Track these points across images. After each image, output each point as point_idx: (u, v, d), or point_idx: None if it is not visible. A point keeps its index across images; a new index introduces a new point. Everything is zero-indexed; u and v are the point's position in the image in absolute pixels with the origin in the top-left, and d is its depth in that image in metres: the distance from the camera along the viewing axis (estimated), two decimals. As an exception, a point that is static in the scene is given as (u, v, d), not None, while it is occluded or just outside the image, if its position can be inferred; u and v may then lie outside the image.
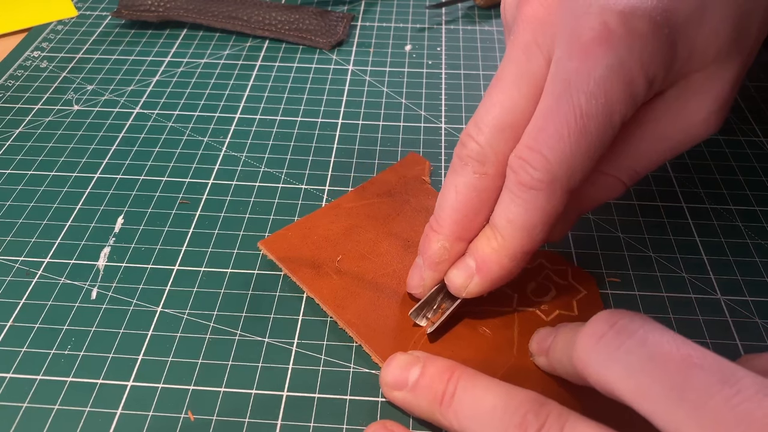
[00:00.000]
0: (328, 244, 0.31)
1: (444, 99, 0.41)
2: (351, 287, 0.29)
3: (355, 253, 0.30)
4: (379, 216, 0.31)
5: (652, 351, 0.18)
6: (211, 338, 0.28)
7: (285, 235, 0.31)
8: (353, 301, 0.28)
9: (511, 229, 0.24)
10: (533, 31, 0.24)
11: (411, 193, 0.33)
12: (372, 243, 0.31)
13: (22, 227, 0.32)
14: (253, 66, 0.44)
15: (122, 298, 0.29)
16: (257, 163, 0.36)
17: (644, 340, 0.19)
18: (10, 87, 0.42)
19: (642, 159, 0.26)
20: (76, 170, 0.36)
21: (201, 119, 0.39)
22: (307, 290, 0.29)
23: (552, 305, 0.29)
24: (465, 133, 0.25)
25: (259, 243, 0.31)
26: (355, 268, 0.30)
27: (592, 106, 0.22)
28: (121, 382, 0.26)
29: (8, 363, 0.27)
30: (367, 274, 0.29)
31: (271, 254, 0.30)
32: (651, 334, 0.19)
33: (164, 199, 0.34)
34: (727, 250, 0.32)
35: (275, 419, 0.25)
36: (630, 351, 0.19)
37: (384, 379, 0.25)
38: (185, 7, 0.48)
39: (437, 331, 0.27)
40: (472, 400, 0.22)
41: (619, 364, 0.19)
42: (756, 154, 0.37)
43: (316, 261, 0.30)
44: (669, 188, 0.35)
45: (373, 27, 0.49)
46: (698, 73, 0.24)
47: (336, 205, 0.33)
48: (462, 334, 0.27)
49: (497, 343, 0.27)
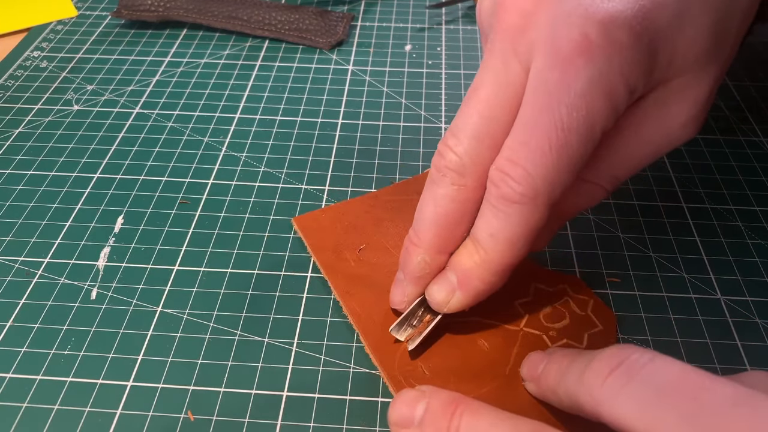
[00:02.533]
0: (356, 232, 0.31)
1: (444, 99, 0.41)
2: (364, 277, 0.29)
3: (379, 245, 0.31)
4: (412, 213, 0.31)
5: (663, 382, 0.18)
6: (211, 338, 0.28)
7: (318, 216, 0.32)
8: (362, 291, 0.29)
9: (493, 243, 0.24)
10: (511, 39, 0.23)
11: None
12: (398, 238, 0.31)
13: (22, 227, 0.32)
14: (253, 66, 0.44)
15: (122, 298, 0.29)
16: (257, 163, 0.36)
17: (654, 372, 0.19)
18: (10, 87, 0.42)
19: (622, 164, 0.26)
20: (76, 170, 0.36)
21: (201, 119, 0.39)
22: (323, 272, 0.30)
23: (561, 333, 0.28)
24: (443, 143, 0.25)
25: (293, 219, 0.32)
26: (374, 260, 0.30)
27: (573, 119, 0.22)
28: (121, 382, 0.26)
29: (8, 363, 0.27)
30: (384, 267, 0.30)
31: (300, 231, 0.32)
32: (660, 366, 0.19)
33: (164, 199, 0.34)
34: (727, 250, 0.32)
35: (275, 419, 0.25)
36: (640, 385, 0.19)
37: (391, 418, 0.24)
38: (185, 7, 0.48)
39: (419, 346, 0.26)
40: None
41: (631, 400, 0.19)
42: (756, 154, 0.37)
43: (339, 245, 0.31)
44: (669, 188, 0.35)
45: (373, 27, 0.49)
46: (678, 79, 0.24)
47: (375, 195, 0.34)
48: (458, 343, 0.27)
49: (492, 358, 0.27)
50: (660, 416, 0.18)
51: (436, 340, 0.27)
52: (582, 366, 0.21)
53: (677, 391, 0.18)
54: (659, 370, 0.19)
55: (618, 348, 0.20)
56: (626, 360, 0.19)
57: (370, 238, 0.31)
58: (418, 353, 0.26)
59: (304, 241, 0.31)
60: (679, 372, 0.18)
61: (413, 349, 0.26)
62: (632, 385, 0.19)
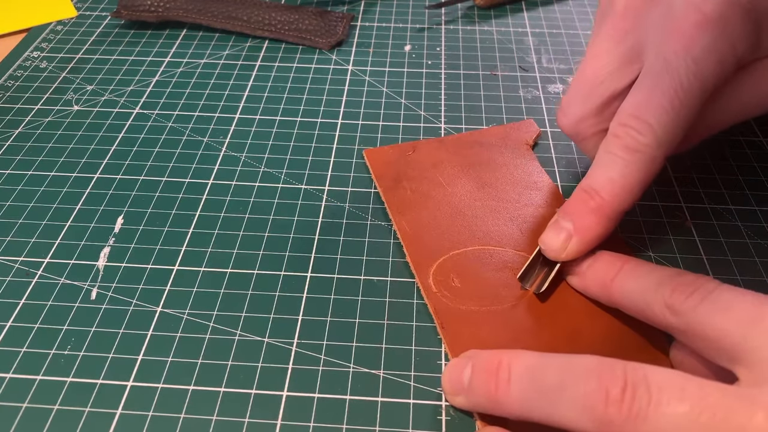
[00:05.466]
0: (417, 166, 0.35)
1: (444, 99, 0.41)
2: (417, 203, 0.33)
3: (435, 180, 0.34)
4: (470, 159, 0.36)
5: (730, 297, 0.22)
6: (211, 338, 0.28)
7: (387, 150, 0.36)
8: (412, 213, 0.32)
9: (611, 187, 0.26)
10: (633, 16, 0.28)
11: (508, 149, 0.36)
12: (453, 176, 0.35)
13: (22, 227, 0.32)
14: (252, 66, 0.44)
15: (122, 298, 0.29)
16: (257, 163, 0.36)
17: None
18: (10, 87, 0.42)
19: (718, 120, 0.29)
20: (76, 170, 0.36)
21: (201, 119, 0.39)
22: (381, 194, 0.34)
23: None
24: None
25: (364, 151, 0.36)
26: (429, 191, 0.34)
27: (691, 81, 0.25)
28: (121, 382, 0.26)
29: (8, 363, 0.27)
30: (436, 197, 0.33)
31: (369, 161, 0.36)
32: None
33: (164, 199, 0.34)
34: (727, 250, 0.32)
35: (275, 419, 0.25)
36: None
37: (444, 387, 0.25)
38: (185, 8, 0.48)
39: (546, 291, 0.28)
40: (532, 382, 0.22)
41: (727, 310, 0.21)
42: (756, 154, 0.37)
43: (400, 176, 0.34)
44: (669, 188, 0.35)
45: (373, 27, 0.49)
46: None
47: (441, 140, 0.37)
48: (488, 266, 0.30)
49: (515, 282, 0.29)
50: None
51: (559, 283, 0.29)
52: (660, 279, 0.24)
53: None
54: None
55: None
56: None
57: (428, 174, 0.35)
58: (546, 296, 0.29)
59: (370, 169, 0.35)
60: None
61: (542, 292, 0.28)
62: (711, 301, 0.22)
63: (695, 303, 0.22)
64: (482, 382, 0.23)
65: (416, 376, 0.26)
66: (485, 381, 0.23)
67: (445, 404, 0.25)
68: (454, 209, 0.33)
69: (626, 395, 0.19)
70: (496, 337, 0.27)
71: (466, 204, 0.33)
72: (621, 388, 0.20)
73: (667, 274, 0.24)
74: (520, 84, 0.43)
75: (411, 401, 0.26)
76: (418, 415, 0.25)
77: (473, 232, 0.31)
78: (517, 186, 0.34)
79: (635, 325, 0.27)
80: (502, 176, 0.35)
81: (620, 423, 0.19)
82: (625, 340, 0.27)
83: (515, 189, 0.34)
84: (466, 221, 0.32)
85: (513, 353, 0.23)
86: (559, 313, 0.28)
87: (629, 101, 0.27)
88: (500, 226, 0.32)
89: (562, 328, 0.27)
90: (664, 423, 0.19)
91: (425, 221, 0.32)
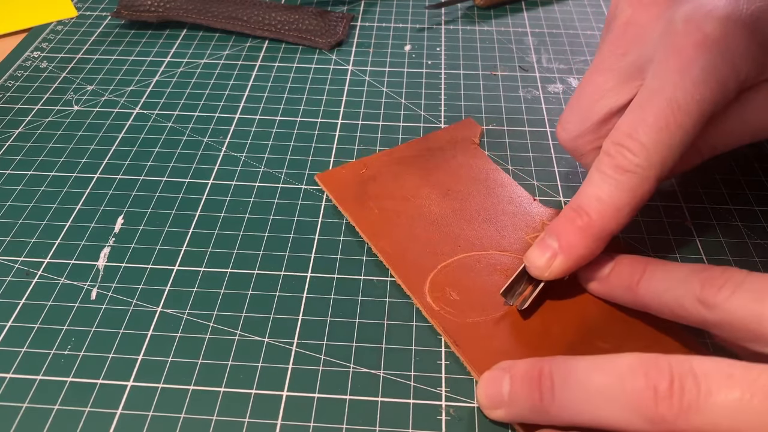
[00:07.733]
0: (376, 184, 0.34)
1: (443, 99, 0.41)
2: (389, 221, 0.32)
3: (398, 195, 0.33)
4: (426, 166, 0.35)
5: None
6: (211, 338, 0.28)
7: (339, 172, 0.35)
8: (389, 233, 0.31)
9: (599, 207, 0.26)
10: (633, 32, 0.27)
11: (459, 150, 0.36)
12: (415, 188, 0.34)
13: (22, 227, 0.32)
14: (252, 66, 0.44)
15: (122, 299, 0.29)
16: (257, 163, 0.36)
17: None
18: (10, 87, 0.42)
19: (722, 140, 0.29)
20: (76, 170, 0.36)
21: (201, 119, 0.39)
22: (350, 219, 0.32)
23: None
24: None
25: (316, 176, 0.35)
26: (396, 207, 0.33)
27: (688, 102, 0.24)
28: (121, 382, 0.26)
29: (8, 363, 0.27)
30: (405, 213, 0.33)
31: (324, 186, 0.34)
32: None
33: (164, 199, 0.34)
34: (727, 250, 0.32)
35: (275, 419, 0.25)
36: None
37: (481, 402, 0.24)
38: (185, 8, 0.48)
39: (529, 307, 0.27)
40: (577, 387, 0.21)
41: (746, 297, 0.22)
42: (756, 154, 0.37)
43: (362, 196, 0.33)
44: (669, 188, 0.35)
45: (373, 27, 0.49)
46: None
47: (389, 152, 0.36)
48: (480, 273, 0.29)
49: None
50: None
51: (541, 304, 0.28)
52: (687, 276, 0.24)
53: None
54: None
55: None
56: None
57: (389, 189, 0.34)
58: (530, 313, 0.28)
59: (329, 194, 0.34)
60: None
61: (525, 309, 0.27)
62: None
63: (728, 294, 0.22)
64: (525, 392, 0.22)
65: (416, 376, 0.26)
66: (528, 391, 0.22)
67: (445, 404, 0.25)
68: (428, 221, 0.32)
69: (675, 389, 0.19)
70: (510, 343, 0.27)
71: (437, 214, 0.32)
72: (669, 383, 0.19)
73: (693, 270, 0.24)
74: (520, 84, 0.43)
75: (411, 401, 0.26)
76: (418, 415, 0.25)
77: (455, 241, 0.31)
78: (479, 186, 0.34)
79: (642, 315, 0.27)
80: (461, 179, 0.34)
81: (673, 418, 0.19)
82: (640, 326, 0.27)
83: (479, 189, 0.34)
84: (443, 232, 0.31)
85: (551, 360, 0.23)
86: (561, 306, 0.28)
87: (624, 120, 0.26)
88: (478, 231, 0.31)
89: (569, 322, 0.27)
90: (717, 412, 0.19)
91: (403, 240, 0.31)
